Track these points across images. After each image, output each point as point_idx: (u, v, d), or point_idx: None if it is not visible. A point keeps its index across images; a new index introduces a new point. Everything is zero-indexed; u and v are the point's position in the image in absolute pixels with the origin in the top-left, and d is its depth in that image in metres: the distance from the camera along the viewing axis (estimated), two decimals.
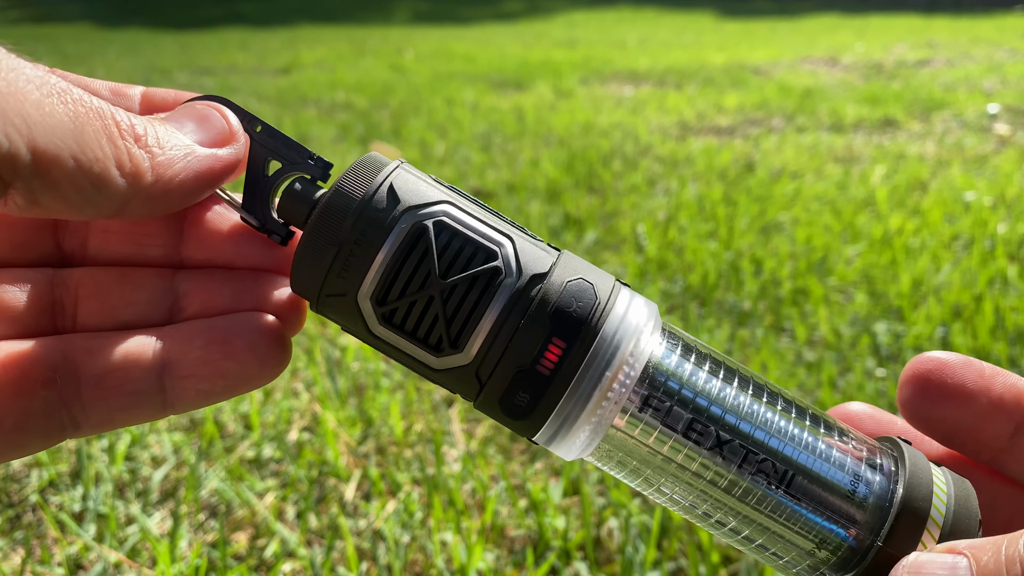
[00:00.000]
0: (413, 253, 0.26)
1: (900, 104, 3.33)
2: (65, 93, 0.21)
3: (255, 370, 0.27)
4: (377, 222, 0.26)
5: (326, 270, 0.26)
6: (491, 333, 0.26)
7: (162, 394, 0.26)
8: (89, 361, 0.26)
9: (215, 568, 0.77)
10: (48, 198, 0.21)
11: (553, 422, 0.27)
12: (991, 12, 7.60)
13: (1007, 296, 1.32)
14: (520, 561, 0.78)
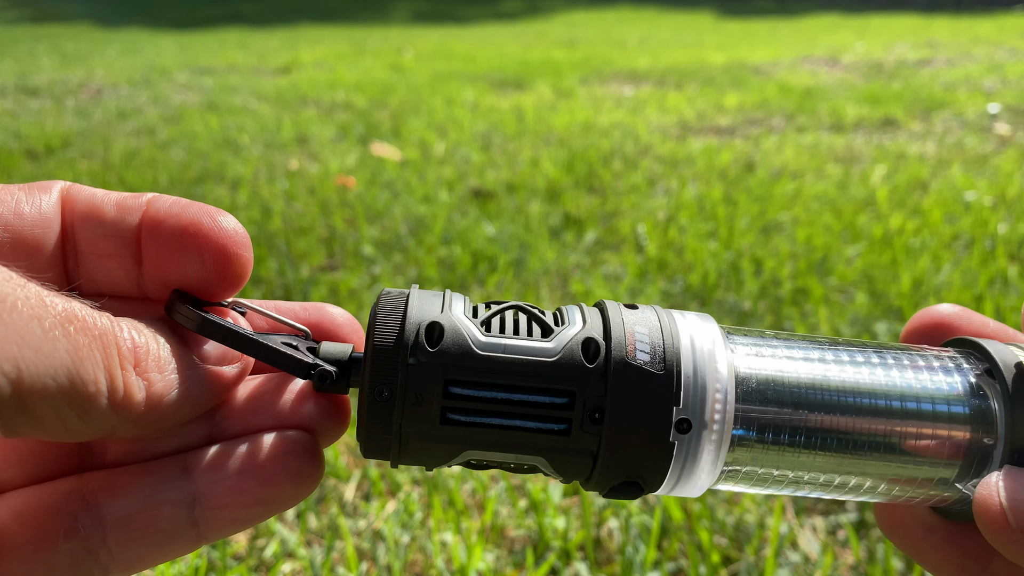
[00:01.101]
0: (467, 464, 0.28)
1: (900, 104, 3.33)
2: (68, 322, 0.20)
3: (291, 491, 0.25)
4: (420, 463, 0.27)
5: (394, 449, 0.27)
6: None
7: (195, 528, 0.25)
8: (112, 503, 0.24)
9: (215, 568, 0.77)
10: (27, 428, 0.20)
11: (665, 486, 0.27)
12: (991, 12, 7.59)
13: (1008, 296, 1.32)
14: (520, 561, 0.78)
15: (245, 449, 0.25)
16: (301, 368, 0.26)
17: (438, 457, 0.26)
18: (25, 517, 0.24)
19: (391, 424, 0.25)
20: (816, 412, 0.26)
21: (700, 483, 0.27)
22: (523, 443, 0.25)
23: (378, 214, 1.91)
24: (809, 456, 0.26)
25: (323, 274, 1.51)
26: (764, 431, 0.26)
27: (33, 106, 3.62)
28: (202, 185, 2.20)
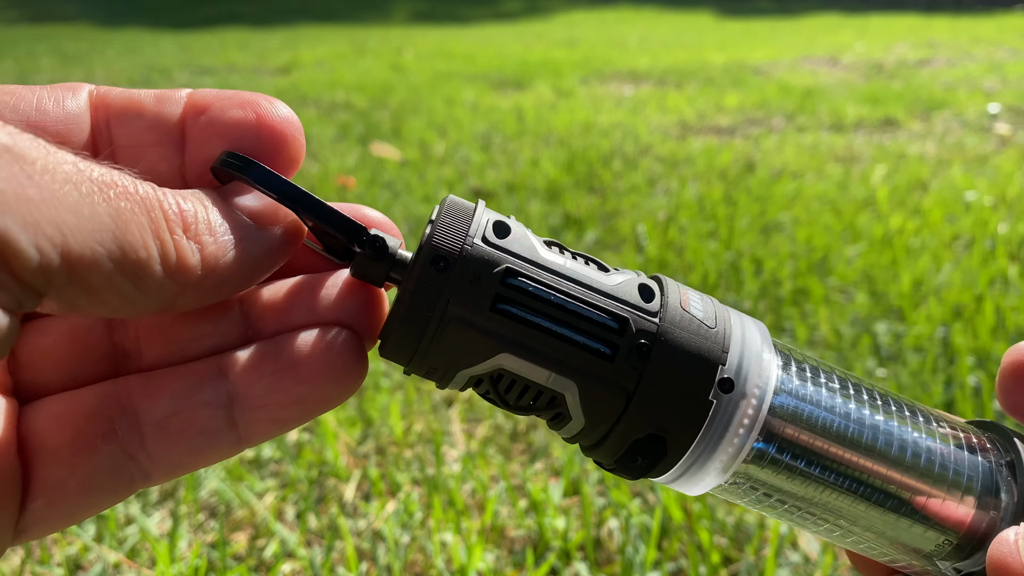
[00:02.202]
0: (480, 387, 0.26)
1: (901, 104, 3.32)
2: (108, 187, 0.19)
3: (332, 390, 0.24)
4: (440, 361, 0.25)
5: (406, 364, 0.25)
6: (573, 439, 0.26)
7: (235, 430, 0.24)
8: (148, 406, 0.24)
9: (215, 568, 0.77)
10: (85, 302, 0.19)
11: (680, 466, 0.26)
12: (991, 12, 7.59)
13: (1008, 296, 1.32)
14: (520, 561, 0.78)
15: (283, 347, 0.24)
16: (354, 232, 0.25)
17: (468, 356, 0.24)
18: (63, 420, 0.23)
19: (439, 298, 0.24)
20: (839, 446, 0.25)
21: (714, 470, 0.26)
22: (564, 358, 0.24)
23: None
24: (816, 488, 0.26)
25: None
26: (784, 448, 0.25)
27: None
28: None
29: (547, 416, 0.26)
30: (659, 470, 0.26)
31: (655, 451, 0.25)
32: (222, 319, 0.25)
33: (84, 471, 0.23)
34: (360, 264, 0.25)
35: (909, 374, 1.08)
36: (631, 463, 0.25)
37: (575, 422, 0.25)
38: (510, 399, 0.25)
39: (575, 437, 0.26)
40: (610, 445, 0.25)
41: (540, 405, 0.25)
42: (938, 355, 1.13)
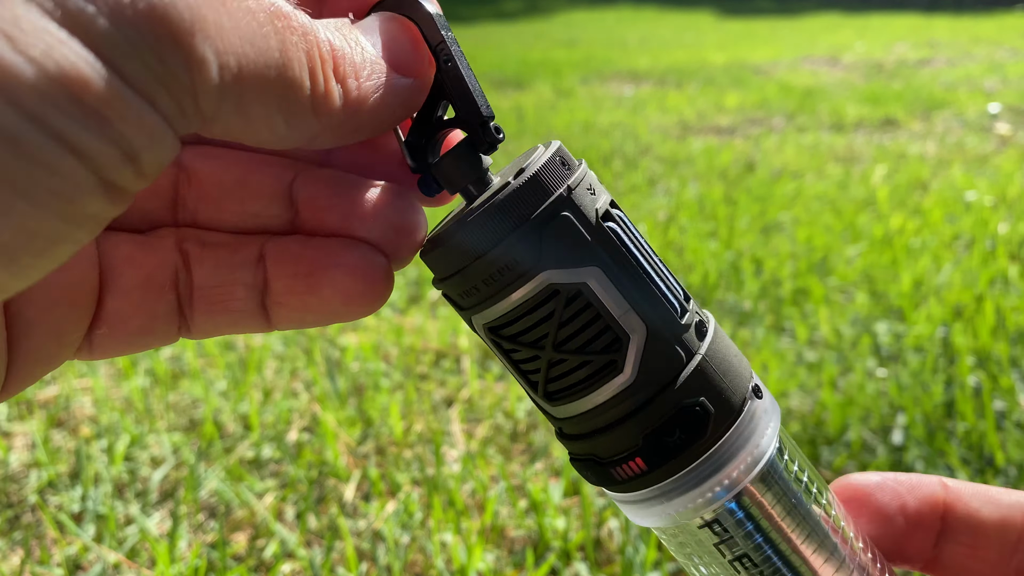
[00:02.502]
0: (540, 309, 0.23)
1: (901, 104, 3.32)
2: (277, 18, 0.19)
3: (340, 307, 0.25)
4: (525, 259, 0.23)
5: (457, 271, 0.24)
6: (584, 416, 0.24)
7: (265, 314, 0.25)
8: (199, 270, 0.25)
9: (214, 568, 0.77)
10: (238, 132, 0.19)
11: (627, 509, 0.25)
12: (992, 11, 7.59)
13: (1008, 296, 1.32)
14: (520, 562, 0.78)
15: (310, 252, 0.25)
16: (487, 113, 0.24)
17: (557, 259, 0.23)
18: (136, 263, 0.24)
19: (557, 188, 0.23)
20: (792, 537, 0.25)
21: (649, 518, 0.25)
22: (643, 298, 0.23)
23: None
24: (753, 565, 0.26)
25: None
26: (748, 518, 0.25)
27: None
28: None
29: (593, 365, 0.24)
30: (683, 460, 0.24)
31: (696, 427, 0.24)
32: (273, 202, 0.26)
33: (147, 314, 0.24)
34: (456, 158, 0.24)
35: (909, 374, 1.08)
36: (666, 436, 0.24)
37: (622, 376, 0.23)
38: (566, 332, 0.23)
39: (604, 405, 0.24)
40: (651, 412, 0.24)
41: (596, 347, 0.23)
42: (938, 355, 1.13)
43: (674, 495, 0.24)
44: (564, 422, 0.25)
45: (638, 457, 0.24)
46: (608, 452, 0.24)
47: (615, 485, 0.25)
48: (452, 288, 0.24)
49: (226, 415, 1.02)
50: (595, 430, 0.24)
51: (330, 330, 1.26)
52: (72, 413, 1.03)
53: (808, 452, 0.93)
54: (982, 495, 0.30)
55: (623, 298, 0.23)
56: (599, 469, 0.25)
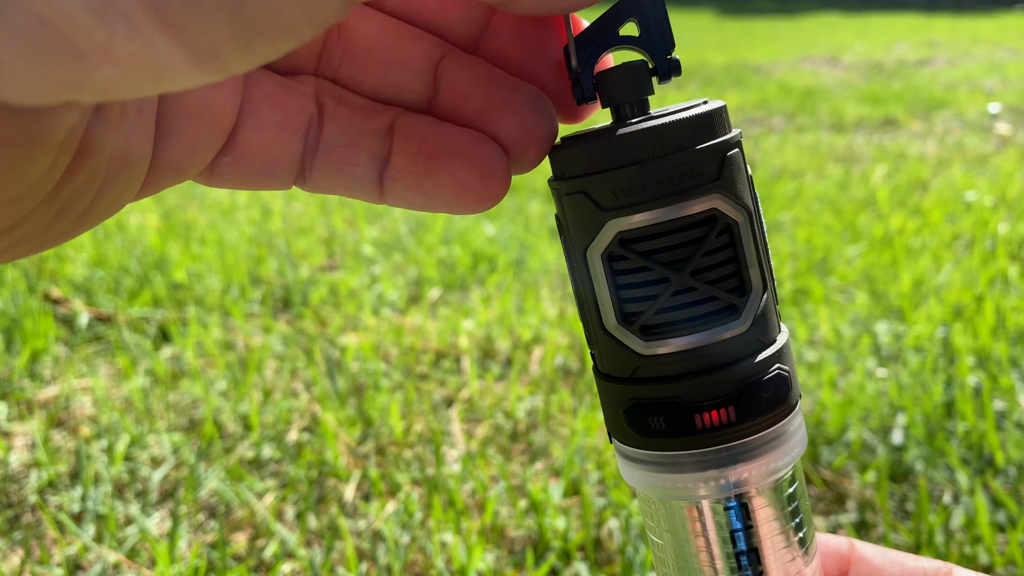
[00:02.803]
0: (693, 230, 0.22)
1: (901, 104, 3.32)
2: None
3: (451, 198, 0.24)
4: (705, 174, 0.22)
5: (626, 165, 0.22)
6: (680, 355, 0.23)
7: (379, 185, 0.25)
8: (331, 126, 0.25)
9: (214, 568, 0.77)
10: None
11: (654, 460, 0.25)
12: (992, 11, 7.59)
13: (1008, 296, 1.32)
14: (520, 562, 0.78)
15: (434, 134, 0.24)
16: (670, 41, 0.23)
17: (730, 183, 0.23)
18: (276, 102, 0.24)
19: (731, 127, 0.23)
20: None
21: (639, 478, 0.25)
22: (763, 258, 0.24)
23: (378, 214, 1.90)
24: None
25: (323, 274, 1.51)
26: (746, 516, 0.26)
27: None
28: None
29: (718, 303, 0.23)
30: (772, 419, 0.24)
31: (784, 392, 0.24)
32: (416, 76, 0.25)
33: (273, 154, 0.24)
34: (631, 71, 0.23)
35: (909, 374, 1.08)
36: (762, 391, 0.24)
37: (739, 325, 0.23)
38: (707, 262, 0.23)
39: (712, 347, 0.23)
40: (753, 366, 0.23)
41: (725, 287, 0.23)
42: (938, 355, 1.13)
43: (726, 463, 0.24)
44: (649, 360, 0.23)
45: (731, 406, 0.23)
46: (697, 398, 0.23)
47: (690, 435, 0.24)
48: (605, 183, 0.22)
49: (226, 415, 1.02)
50: (691, 372, 0.23)
51: (330, 330, 1.26)
52: (72, 413, 1.03)
53: (808, 452, 0.93)
54: (887, 557, 0.30)
55: (755, 251, 0.23)
56: (680, 414, 0.23)
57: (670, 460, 0.24)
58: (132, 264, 1.51)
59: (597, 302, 0.24)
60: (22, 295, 1.34)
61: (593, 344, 0.25)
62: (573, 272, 0.24)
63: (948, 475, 0.88)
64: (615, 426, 0.25)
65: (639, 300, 0.23)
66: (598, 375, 0.25)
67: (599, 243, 0.23)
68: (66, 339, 1.24)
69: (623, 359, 0.24)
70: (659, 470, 0.24)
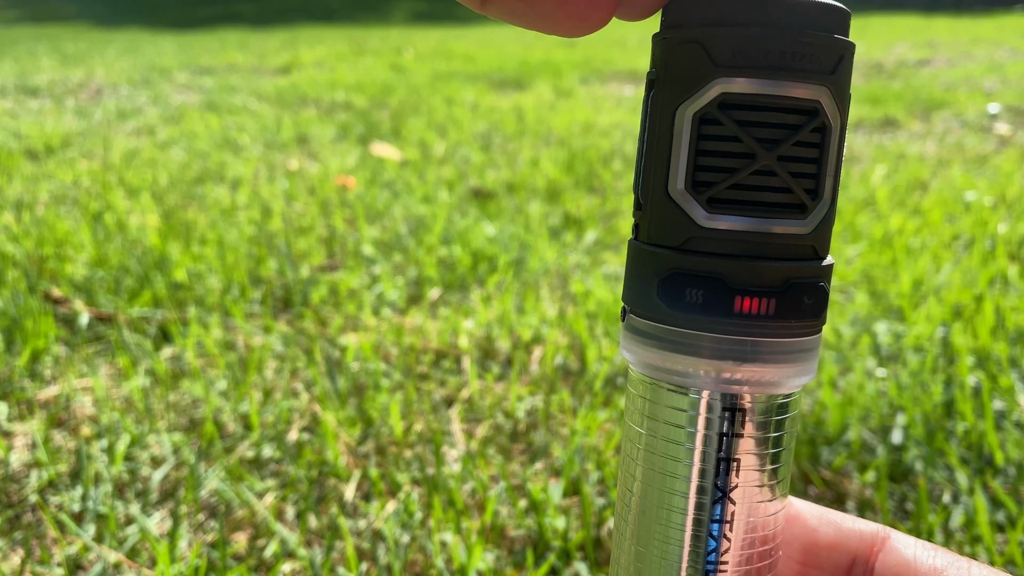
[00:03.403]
0: (791, 115, 0.22)
1: (900, 104, 3.33)
2: None
3: (552, 9, 0.23)
4: (824, 62, 0.22)
5: (723, 25, 0.22)
6: (739, 235, 0.23)
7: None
8: None
9: (215, 568, 0.77)
10: None
11: (670, 336, 0.24)
12: (991, 12, 7.59)
13: (1008, 296, 1.32)
14: (520, 561, 0.78)
15: None
16: None
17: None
18: None
19: None
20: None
21: (640, 357, 0.25)
22: (837, 175, 0.24)
23: (378, 214, 1.91)
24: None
25: (323, 274, 1.51)
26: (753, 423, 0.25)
27: (33, 106, 3.62)
28: (202, 185, 2.20)
29: (790, 197, 0.23)
30: (805, 327, 0.24)
31: (822, 304, 0.24)
32: None
33: None
34: None
35: (909, 374, 1.08)
36: (805, 295, 0.23)
37: (803, 224, 0.23)
38: (793, 152, 0.23)
39: (769, 235, 0.23)
40: (802, 269, 0.23)
41: (801, 184, 0.23)
42: (938, 355, 1.13)
43: (750, 358, 0.23)
44: (707, 233, 0.23)
45: (773, 299, 0.23)
46: (742, 281, 0.23)
47: (724, 317, 0.23)
48: (727, 39, 0.22)
49: (226, 415, 1.02)
50: (745, 254, 0.23)
51: (330, 330, 1.26)
52: (72, 413, 1.03)
53: (808, 452, 0.93)
54: (823, 517, 0.30)
55: (834, 164, 0.23)
56: (720, 291, 0.23)
57: (689, 340, 0.23)
58: (132, 264, 1.51)
59: (669, 164, 0.23)
60: (22, 295, 1.34)
61: (646, 210, 0.24)
62: (651, 131, 0.23)
63: (948, 475, 0.88)
64: (641, 297, 0.24)
65: (715, 170, 0.22)
66: (637, 244, 0.24)
67: (698, 101, 0.22)
68: (66, 339, 1.24)
69: (678, 227, 0.23)
70: (671, 348, 0.24)
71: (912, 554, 0.29)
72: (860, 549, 0.29)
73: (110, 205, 1.96)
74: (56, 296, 1.37)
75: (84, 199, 2.02)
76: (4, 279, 1.43)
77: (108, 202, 1.99)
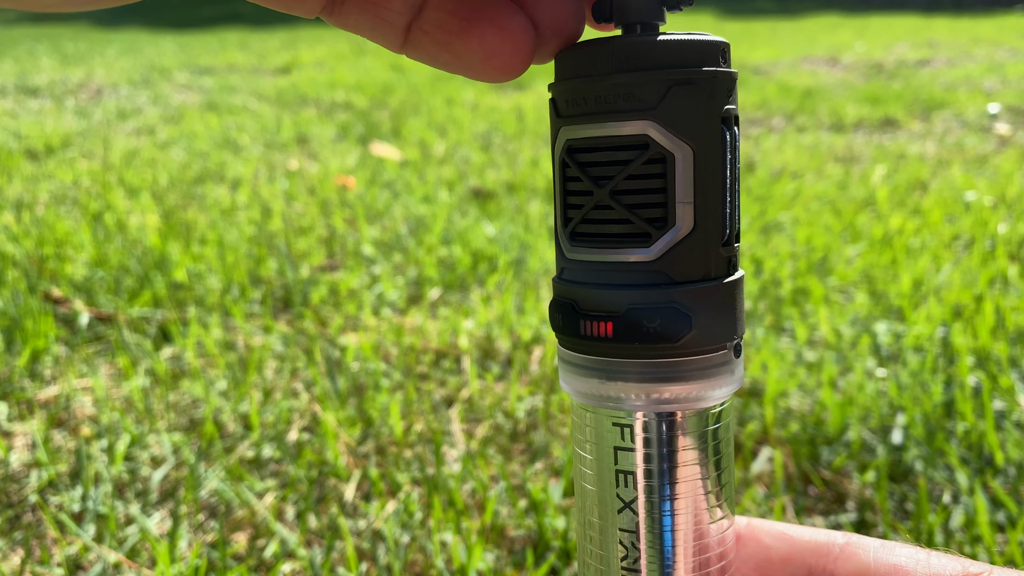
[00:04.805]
0: (621, 152, 0.24)
1: (900, 104, 3.33)
2: None
3: (477, 63, 0.25)
4: (642, 100, 0.23)
5: (578, 77, 0.24)
6: (588, 265, 0.26)
7: (405, 34, 0.25)
8: None
9: (215, 568, 0.77)
10: None
11: (563, 368, 0.26)
12: (991, 12, 7.59)
13: (1008, 296, 1.32)
14: (520, 561, 0.78)
15: (482, 1, 0.25)
16: None
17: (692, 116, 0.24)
18: None
19: (705, 63, 0.24)
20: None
21: (575, 385, 0.27)
22: (705, 201, 0.24)
23: (378, 214, 1.91)
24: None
25: (323, 274, 1.51)
26: (657, 443, 0.27)
27: (33, 106, 3.62)
28: (202, 185, 2.20)
29: (632, 227, 0.24)
30: (646, 351, 0.25)
31: (674, 329, 0.25)
32: None
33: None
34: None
35: (909, 374, 1.08)
36: (646, 320, 0.24)
37: (647, 253, 0.24)
38: (628, 186, 0.24)
39: (615, 265, 0.25)
40: (647, 294, 0.25)
41: (642, 215, 0.24)
42: (938, 355, 1.13)
43: (610, 378, 0.25)
44: (570, 264, 0.26)
45: (611, 323, 0.25)
46: (587, 306, 0.25)
47: (573, 338, 0.26)
48: (563, 92, 0.25)
49: (226, 415, 1.02)
50: (593, 282, 0.25)
51: (330, 330, 1.26)
52: (72, 413, 1.03)
53: (808, 452, 0.93)
54: (777, 533, 0.30)
55: (692, 190, 0.24)
56: (572, 316, 0.25)
57: (562, 356, 0.27)
58: (132, 264, 1.51)
59: (555, 204, 0.26)
60: (22, 295, 1.34)
61: None
62: None
63: (948, 475, 0.88)
64: None
65: (574, 208, 0.25)
66: None
67: (557, 148, 0.25)
68: (66, 339, 1.24)
69: (559, 259, 0.27)
70: (560, 361, 0.27)
71: (871, 557, 0.29)
72: (815, 561, 0.29)
73: (110, 205, 1.96)
74: (56, 296, 1.37)
75: (84, 199, 2.02)
76: (4, 279, 1.43)
77: (108, 202, 1.99)
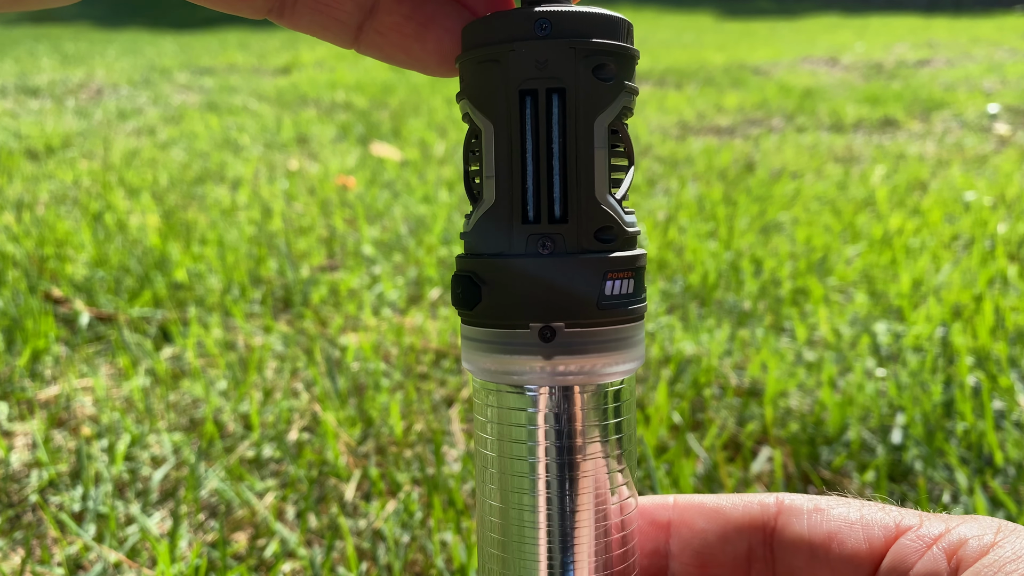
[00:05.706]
0: (469, 128, 0.27)
1: (900, 104, 3.33)
2: None
3: (433, 62, 0.27)
4: (465, 81, 0.26)
5: (467, 55, 0.26)
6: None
7: (358, 32, 0.27)
8: None
9: (215, 568, 0.77)
10: None
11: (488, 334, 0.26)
12: (991, 12, 7.59)
13: (1007, 296, 1.32)
14: None
15: (433, 7, 0.26)
16: None
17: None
18: None
19: (515, 36, 0.25)
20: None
21: (479, 364, 0.27)
22: (505, 177, 0.25)
23: (378, 214, 1.91)
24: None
25: (323, 274, 1.51)
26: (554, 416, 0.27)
27: (33, 106, 3.62)
28: (202, 185, 2.20)
29: (474, 188, 0.27)
30: (467, 316, 0.27)
31: (471, 295, 0.26)
32: None
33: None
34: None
35: (908, 374, 1.08)
36: (456, 287, 0.26)
37: (472, 217, 0.27)
38: (470, 156, 0.27)
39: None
40: (464, 261, 0.27)
41: (475, 183, 0.27)
42: (937, 355, 1.13)
43: (496, 351, 0.26)
44: None
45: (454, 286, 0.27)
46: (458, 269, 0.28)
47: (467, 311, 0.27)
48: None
49: (226, 415, 1.02)
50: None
51: (330, 330, 1.26)
52: (73, 413, 1.04)
53: (807, 451, 0.93)
54: (708, 511, 0.29)
55: (493, 165, 0.25)
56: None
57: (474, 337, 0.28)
58: (133, 264, 1.51)
59: None
60: (23, 295, 1.34)
61: None
62: None
63: (947, 475, 0.88)
64: None
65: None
66: None
67: None
68: (67, 339, 1.24)
69: None
70: (482, 350, 0.28)
71: (805, 525, 0.28)
72: (752, 534, 0.28)
73: (110, 205, 1.96)
74: (56, 296, 1.37)
75: (84, 199, 2.02)
76: (4, 279, 1.43)
77: (108, 202, 1.99)
